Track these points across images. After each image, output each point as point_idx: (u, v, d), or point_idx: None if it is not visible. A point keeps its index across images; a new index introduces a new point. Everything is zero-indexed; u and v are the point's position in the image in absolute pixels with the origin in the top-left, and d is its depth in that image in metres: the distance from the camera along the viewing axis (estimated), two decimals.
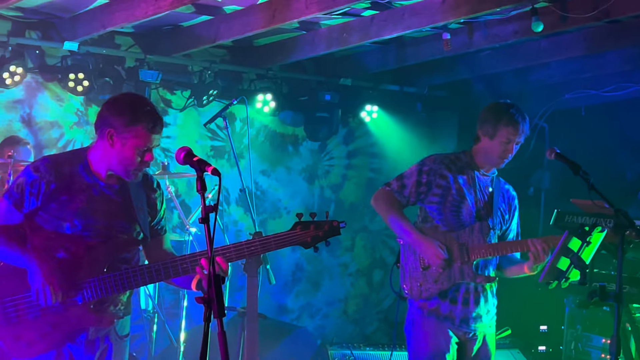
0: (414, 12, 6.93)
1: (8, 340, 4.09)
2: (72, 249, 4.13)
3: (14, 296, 4.11)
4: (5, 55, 7.31)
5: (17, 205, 4.12)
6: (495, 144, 5.11)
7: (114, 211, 4.22)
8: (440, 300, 5.10)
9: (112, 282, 4.12)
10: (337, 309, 9.86)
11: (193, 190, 8.64)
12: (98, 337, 4.24)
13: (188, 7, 7.11)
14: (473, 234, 5.10)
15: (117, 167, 4.19)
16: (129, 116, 4.11)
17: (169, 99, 8.72)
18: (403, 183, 5.21)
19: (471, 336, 5.16)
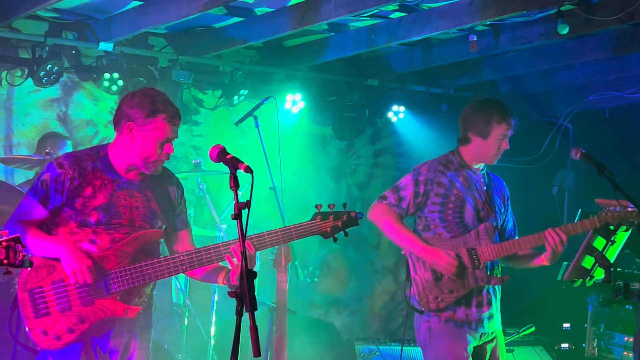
0: (441, 14, 6.91)
1: (37, 331, 4.11)
2: (98, 242, 4.17)
3: (42, 288, 4.13)
4: (42, 55, 7.35)
5: (43, 201, 4.16)
6: (490, 142, 5.04)
7: (136, 205, 4.26)
8: (455, 307, 4.99)
9: (138, 273, 4.16)
10: (363, 306, 9.85)
11: (224, 187, 8.64)
12: (123, 329, 4.27)
13: (220, 9, 7.13)
14: (479, 236, 5.00)
15: (138, 161, 4.23)
16: (148, 108, 4.17)
17: (201, 99, 8.75)
18: (400, 195, 5.09)
19: (487, 337, 5.09)
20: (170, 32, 8.10)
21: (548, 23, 6.98)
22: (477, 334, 5.04)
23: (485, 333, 5.07)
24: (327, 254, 9.62)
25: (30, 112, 7.86)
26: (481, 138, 5.05)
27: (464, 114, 5.20)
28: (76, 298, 4.12)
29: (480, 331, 5.04)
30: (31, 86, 7.58)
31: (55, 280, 4.12)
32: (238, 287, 3.41)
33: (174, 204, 4.44)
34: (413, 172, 5.11)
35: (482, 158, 5.11)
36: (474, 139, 5.09)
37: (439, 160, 5.15)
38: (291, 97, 8.56)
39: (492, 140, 5.03)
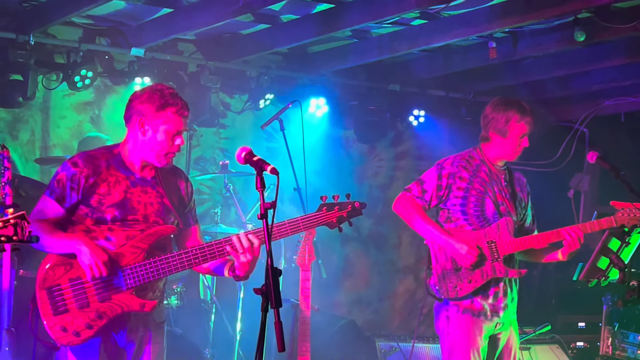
0: (462, 21, 6.90)
1: (56, 328, 4.09)
2: (113, 239, 4.16)
3: (60, 286, 4.12)
4: (77, 60, 7.40)
5: (59, 200, 4.15)
6: (509, 141, 5.07)
7: (149, 201, 4.25)
8: (472, 296, 5.03)
9: (153, 268, 4.15)
10: (385, 304, 9.85)
11: (250, 188, 8.71)
12: (139, 324, 4.27)
13: (247, 16, 7.16)
14: (499, 230, 5.02)
15: (150, 155, 4.22)
16: (158, 102, 4.16)
17: (228, 103, 8.78)
18: (423, 188, 5.13)
19: (502, 327, 5.12)
20: (199, 38, 8.14)
21: (565, 30, 6.97)
22: (493, 323, 5.07)
23: (500, 323, 5.10)
24: (350, 253, 9.63)
25: (65, 114, 7.91)
26: (501, 136, 5.09)
27: (484, 113, 5.22)
28: (94, 294, 4.11)
29: (496, 321, 5.07)
30: (66, 90, 7.63)
31: (72, 277, 4.11)
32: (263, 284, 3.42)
33: (185, 199, 4.42)
34: (437, 166, 5.17)
35: (502, 155, 5.15)
36: (494, 137, 5.13)
37: (461, 155, 5.20)
38: (315, 101, 8.58)
39: (511, 139, 5.06)
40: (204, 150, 8.59)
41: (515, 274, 5.05)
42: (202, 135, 8.38)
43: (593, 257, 4.93)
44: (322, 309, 8.14)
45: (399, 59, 8.64)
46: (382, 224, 9.84)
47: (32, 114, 7.74)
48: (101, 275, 4.05)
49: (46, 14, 6.93)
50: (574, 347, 7.80)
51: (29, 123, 7.74)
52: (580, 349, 7.85)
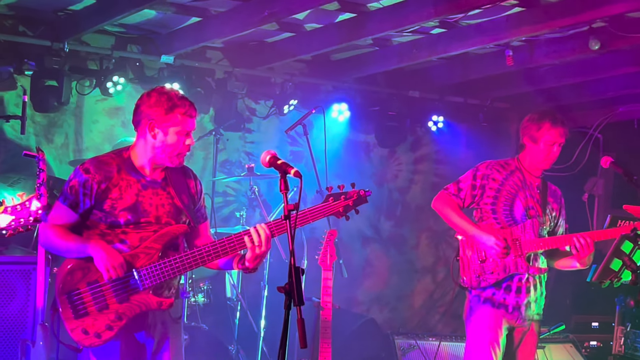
0: (479, 30, 6.89)
1: (78, 331, 4.08)
2: (127, 241, 4.14)
3: (79, 290, 4.10)
4: (109, 67, 7.45)
5: (73, 206, 4.13)
6: (540, 148, 5.24)
7: (161, 203, 4.23)
8: (495, 289, 5.21)
9: (168, 267, 4.13)
10: (403, 303, 9.83)
11: (273, 190, 8.72)
12: (157, 321, 4.26)
13: (272, 25, 7.17)
14: (525, 230, 5.19)
15: (161, 156, 4.21)
16: (166, 105, 4.14)
17: (254, 108, 8.79)
18: (459, 187, 5.37)
19: (521, 322, 5.24)
20: (226, 46, 8.17)
21: (580, 39, 6.94)
22: (513, 318, 5.22)
23: (521, 318, 5.23)
24: (370, 254, 9.62)
25: (97, 119, 7.95)
26: (532, 143, 5.26)
27: (522, 123, 5.39)
28: (112, 296, 4.10)
29: (517, 316, 5.21)
30: (98, 95, 7.69)
31: (90, 281, 4.10)
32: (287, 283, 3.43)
33: (195, 198, 4.40)
34: (473, 168, 5.41)
35: (535, 162, 5.30)
36: (527, 144, 5.30)
37: (498, 161, 5.41)
38: (337, 107, 8.58)
39: (541, 145, 5.22)
40: (229, 153, 8.61)
41: (536, 271, 5.21)
42: (228, 139, 8.40)
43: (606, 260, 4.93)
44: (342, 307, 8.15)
45: (418, 66, 8.63)
46: (402, 226, 9.83)
47: (66, 118, 7.78)
48: (118, 277, 4.05)
49: (80, 23, 6.98)
50: (588, 346, 7.76)
51: (63, 127, 7.78)
52: (593, 348, 7.82)
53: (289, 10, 6.17)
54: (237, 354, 7.02)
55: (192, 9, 6.90)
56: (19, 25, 7.36)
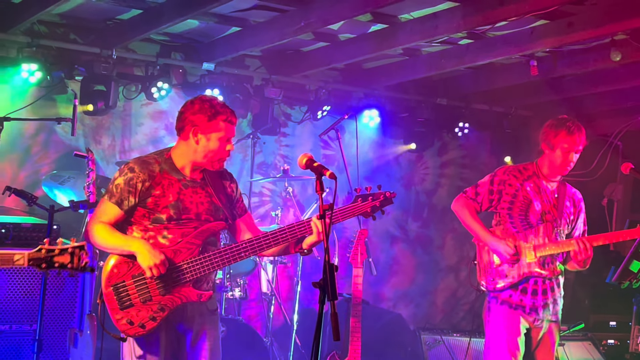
0: (505, 41, 6.86)
1: (123, 322, 4.11)
2: (170, 237, 4.16)
3: (125, 282, 4.13)
4: (154, 73, 7.50)
5: (119, 204, 4.15)
6: (557, 154, 5.14)
7: (200, 201, 4.25)
8: (512, 291, 5.17)
9: (207, 262, 4.15)
10: (428, 300, 9.81)
11: (306, 191, 8.74)
12: (195, 313, 4.28)
13: (308, 35, 7.19)
14: (539, 234, 5.15)
15: (203, 160, 4.22)
16: (209, 112, 4.15)
17: (289, 113, 8.82)
18: (477, 191, 5.33)
19: (539, 323, 5.20)
20: (264, 55, 8.20)
21: (602, 50, 6.89)
22: (531, 318, 5.18)
23: (538, 319, 5.19)
24: (397, 253, 9.61)
25: (142, 122, 8.01)
26: (550, 149, 5.18)
27: (542, 129, 5.29)
28: (155, 289, 4.12)
29: (534, 317, 5.17)
30: (143, 100, 7.74)
31: (135, 274, 4.12)
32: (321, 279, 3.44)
33: (231, 196, 4.42)
34: (491, 174, 5.35)
35: (552, 168, 5.21)
36: (545, 151, 5.22)
37: (516, 166, 5.36)
38: (368, 113, 8.58)
39: (557, 152, 5.13)
40: (266, 156, 8.64)
41: (550, 273, 5.15)
42: (265, 142, 8.42)
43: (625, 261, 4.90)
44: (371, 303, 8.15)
45: (446, 75, 8.61)
46: (428, 227, 9.80)
47: (113, 121, 7.84)
48: (160, 274, 4.08)
49: (127, 31, 7.04)
50: (605, 344, 7.71)
51: (110, 129, 7.84)
52: (611, 346, 7.76)
53: (324, 21, 6.19)
54: (271, 346, 7.04)
55: (233, 19, 6.93)
56: (70, 33, 7.44)
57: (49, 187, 6.81)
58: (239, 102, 7.98)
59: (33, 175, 7.41)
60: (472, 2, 6.04)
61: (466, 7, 6.09)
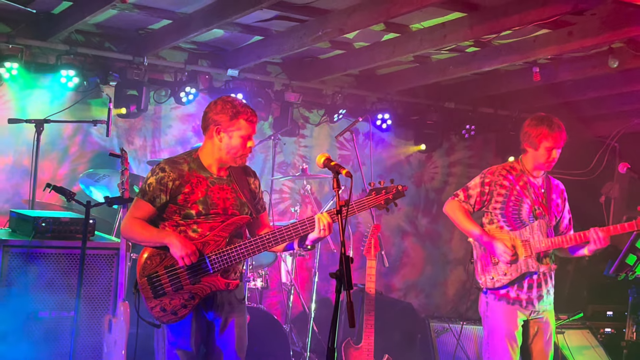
0: (510, 49, 6.85)
1: (157, 309, 4.15)
2: (199, 230, 4.19)
3: (158, 273, 4.17)
4: (182, 79, 7.53)
5: (151, 201, 4.18)
6: (540, 153, 5.04)
7: (227, 197, 4.27)
8: (509, 286, 5.06)
9: (234, 253, 4.18)
10: (437, 290, 9.80)
11: (323, 189, 8.75)
12: (223, 301, 4.30)
13: (325, 43, 7.21)
14: (533, 231, 5.04)
15: (226, 157, 4.24)
16: (230, 112, 4.18)
17: (307, 116, 8.83)
18: (469, 193, 5.18)
19: (536, 315, 5.12)
20: (284, 62, 8.22)
21: (601, 57, 6.87)
22: (527, 311, 5.08)
23: (534, 311, 5.10)
24: (408, 246, 9.61)
25: (171, 124, 8.03)
26: (533, 149, 5.08)
27: (522, 128, 5.20)
28: (186, 278, 4.15)
29: (530, 309, 5.08)
30: (173, 103, 7.79)
31: (167, 265, 4.15)
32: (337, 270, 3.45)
33: (255, 192, 4.44)
34: (481, 175, 5.21)
35: (536, 166, 5.11)
36: (528, 150, 5.12)
37: (503, 166, 5.22)
38: (381, 116, 8.59)
39: (541, 151, 5.04)
40: (286, 156, 8.66)
41: (546, 269, 5.06)
42: (285, 143, 8.45)
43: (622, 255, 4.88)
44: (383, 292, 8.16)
45: (454, 81, 8.60)
46: (437, 222, 9.80)
47: (144, 123, 7.87)
48: (191, 263, 4.12)
49: (158, 40, 7.07)
50: (603, 332, 7.68)
51: (142, 131, 7.88)
52: (607, 334, 7.73)
53: (340, 30, 6.20)
54: (290, 332, 7.07)
55: (255, 28, 6.96)
56: (105, 42, 7.49)
57: (85, 185, 6.86)
58: (261, 106, 7.99)
59: (71, 173, 7.47)
60: (478, 12, 6.04)
61: (473, 17, 6.09)
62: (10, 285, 5.33)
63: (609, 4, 5.59)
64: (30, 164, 6.70)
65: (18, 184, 7.19)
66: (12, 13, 6.79)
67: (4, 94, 7.14)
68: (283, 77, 8.30)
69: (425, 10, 5.88)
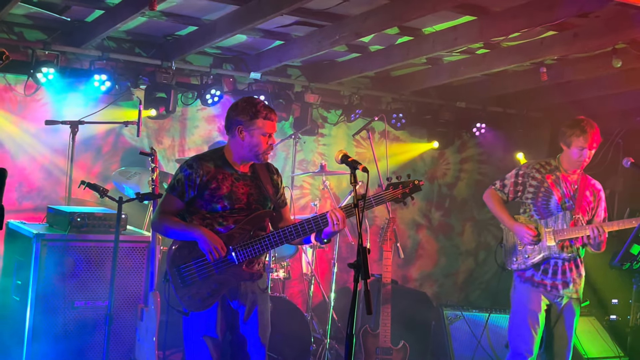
0: (518, 50, 6.80)
1: (186, 298, 4.17)
2: (225, 224, 4.21)
3: (186, 263, 4.19)
4: (207, 82, 7.53)
5: (180, 196, 4.20)
6: (572, 151, 5.17)
7: (251, 192, 4.28)
8: (534, 270, 5.21)
9: (258, 245, 4.19)
10: (449, 280, 9.76)
11: (341, 184, 8.74)
12: (247, 291, 4.30)
13: (342, 47, 7.19)
14: (558, 220, 5.17)
15: (249, 155, 4.26)
16: (251, 112, 4.20)
17: (326, 116, 8.82)
18: (504, 183, 5.39)
19: (559, 300, 5.21)
20: (303, 65, 8.21)
21: (605, 58, 6.79)
22: (551, 296, 5.21)
23: (559, 296, 5.21)
24: (422, 239, 9.57)
25: (197, 125, 8.05)
26: (566, 147, 5.22)
27: (560, 129, 5.33)
28: (213, 269, 4.17)
29: (554, 294, 5.20)
30: (199, 105, 7.79)
31: (195, 257, 4.17)
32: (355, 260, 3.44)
33: (277, 187, 4.44)
34: (517, 168, 5.42)
35: (569, 163, 5.25)
36: (563, 148, 5.26)
37: (538, 161, 5.39)
38: (396, 115, 8.56)
39: (573, 150, 5.17)
40: (306, 154, 8.65)
41: (566, 256, 5.17)
42: (305, 142, 8.44)
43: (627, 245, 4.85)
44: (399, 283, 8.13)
45: (465, 81, 8.55)
46: (449, 216, 9.75)
47: (173, 124, 7.90)
48: (219, 257, 4.13)
49: (184, 46, 7.08)
50: (608, 319, 7.62)
51: (170, 131, 7.90)
52: (613, 321, 7.68)
53: (356, 34, 6.18)
54: (311, 320, 7.06)
55: (276, 34, 6.95)
56: (135, 48, 7.52)
57: (117, 182, 6.89)
58: (281, 107, 7.99)
59: (104, 171, 7.51)
60: (488, 16, 6.00)
61: (482, 20, 6.05)
62: (48, 276, 5.38)
63: (612, 6, 5.53)
64: (66, 163, 6.75)
65: (55, 181, 7.24)
66: (49, 21, 6.84)
67: (41, 97, 7.19)
68: (302, 79, 8.29)
69: (437, 14, 5.85)
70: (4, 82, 7.07)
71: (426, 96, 8.88)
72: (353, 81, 8.42)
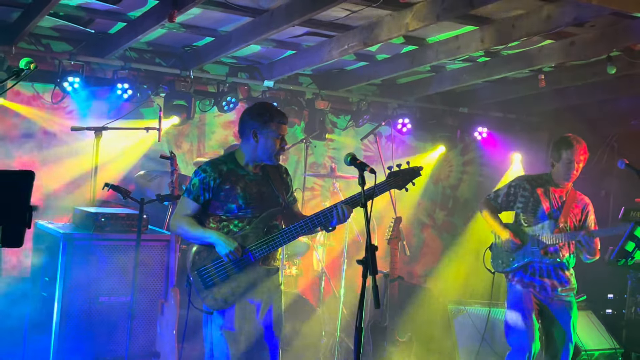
0: (518, 58, 6.79)
1: (208, 298, 4.18)
2: (240, 224, 4.21)
3: (206, 266, 4.20)
4: (224, 90, 7.56)
5: (196, 199, 4.20)
6: (561, 166, 5.19)
7: (263, 192, 4.28)
8: (523, 273, 5.28)
9: (272, 242, 4.19)
10: (453, 276, 9.73)
11: (350, 186, 8.73)
12: (264, 287, 4.31)
13: (350, 56, 7.20)
14: (543, 228, 5.21)
15: (263, 156, 4.26)
16: (265, 116, 4.21)
17: (335, 121, 8.83)
18: (497, 194, 5.48)
19: (549, 301, 5.24)
20: (314, 73, 8.22)
21: (600, 65, 6.77)
22: (540, 296, 5.23)
23: (549, 297, 5.23)
24: (427, 237, 9.56)
25: (214, 130, 8.08)
26: (556, 162, 5.25)
27: (551, 145, 5.45)
28: (231, 269, 4.17)
29: (544, 295, 5.22)
30: (216, 112, 7.81)
31: (214, 258, 4.17)
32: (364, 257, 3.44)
33: (288, 186, 4.45)
34: (510, 180, 5.50)
35: (559, 177, 5.27)
36: (554, 163, 5.28)
37: (531, 175, 5.48)
38: (401, 120, 8.55)
39: (562, 164, 5.20)
40: (316, 157, 8.67)
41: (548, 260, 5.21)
42: (316, 146, 8.45)
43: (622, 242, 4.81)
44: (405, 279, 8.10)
45: (467, 88, 8.54)
46: (452, 216, 9.74)
47: (191, 129, 7.93)
48: (236, 259, 4.14)
49: (202, 56, 7.11)
50: (604, 313, 7.58)
51: (189, 136, 7.93)
52: (609, 315, 7.63)
53: (364, 44, 6.19)
54: (322, 314, 7.06)
55: (288, 44, 6.97)
56: (155, 58, 7.55)
57: (139, 184, 6.91)
58: (293, 113, 8.01)
59: (127, 174, 7.53)
60: (488, 26, 5.99)
61: (484, 30, 6.04)
62: (74, 273, 5.39)
63: (607, 16, 5.52)
64: (90, 166, 6.77)
65: (80, 184, 7.27)
66: (74, 33, 6.88)
67: (68, 105, 7.23)
68: (313, 87, 8.30)
69: (440, 24, 5.85)
70: (33, 91, 7.12)
71: (430, 102, 8.88)
72: (361, 88, 8.42)
